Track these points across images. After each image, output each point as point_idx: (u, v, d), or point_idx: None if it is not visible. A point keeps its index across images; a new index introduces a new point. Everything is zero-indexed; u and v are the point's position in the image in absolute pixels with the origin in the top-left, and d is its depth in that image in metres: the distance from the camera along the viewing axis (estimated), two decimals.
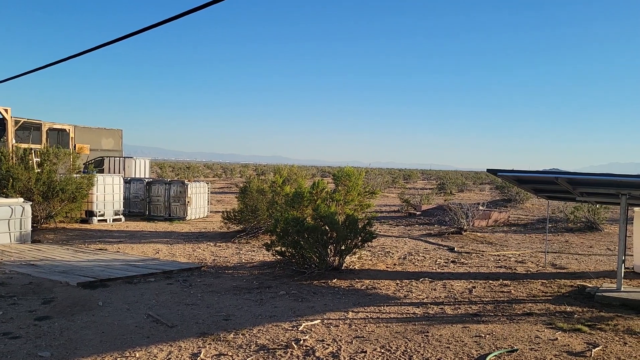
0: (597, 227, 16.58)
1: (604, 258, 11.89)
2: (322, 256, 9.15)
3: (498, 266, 10.54)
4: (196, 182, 19.29)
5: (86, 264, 9.52)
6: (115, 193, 17.04)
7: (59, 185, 14.63)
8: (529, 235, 15.76)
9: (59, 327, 5.97)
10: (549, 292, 8.26)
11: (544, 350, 5.44)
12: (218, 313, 6.68)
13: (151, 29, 5.91)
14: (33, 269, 8.96)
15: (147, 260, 10.27)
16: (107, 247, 11.97)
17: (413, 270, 9.96)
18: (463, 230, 15.40)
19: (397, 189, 39.41)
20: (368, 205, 11.24)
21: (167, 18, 5.62)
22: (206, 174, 61.58)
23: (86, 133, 25.58)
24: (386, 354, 5.30)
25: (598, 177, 7.82)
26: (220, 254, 11.30)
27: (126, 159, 24.94)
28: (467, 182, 47.21)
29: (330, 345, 5.52)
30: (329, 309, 7.01)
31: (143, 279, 8.55)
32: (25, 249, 11.28)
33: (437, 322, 6.47)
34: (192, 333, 5.86)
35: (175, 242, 12.93)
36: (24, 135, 23.39)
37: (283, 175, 13.67)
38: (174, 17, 5.52)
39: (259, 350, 5.36)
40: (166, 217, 18.35)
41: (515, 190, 26.01)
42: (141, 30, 6.03)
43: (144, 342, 5.54)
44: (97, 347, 5.35)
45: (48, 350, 5.21)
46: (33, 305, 6.80)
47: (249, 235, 13.48)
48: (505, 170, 8.40)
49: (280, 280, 8.70)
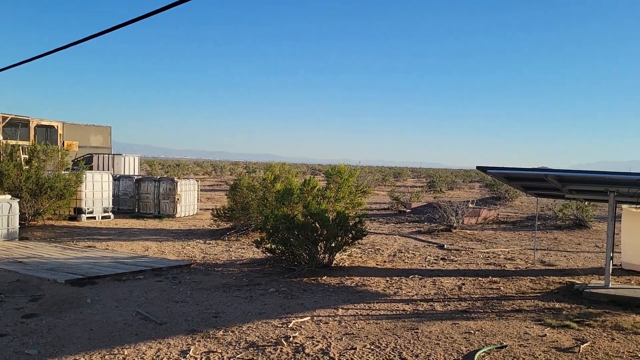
0: (585, 224, 16.72)
1: (592, 255, 11.99)
2: (312, 253, 9.14)
3: (487, 263, 10.59)
4: (186, 180, 19.20)
5: (74, 262, 9.44)
6: (104, 190, 16.91)
7: (47, 182, 14.49)
8: (518, 233, 15.85)
9: (46, 324, 5.91)
10: (538, 288, 8.31)
11: (533, 347, 5.47)
12: (207, 310, 6.65)
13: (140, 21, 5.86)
14: (20, 267, 8.87)
15: (136, 257, 10.21)
16: (96, 244, 11.88)
17: (403, 267, 9.98)
18: (453, 227, 15.46)
19: (387, 187, 39.47)
20: (359, 203, 11.25)
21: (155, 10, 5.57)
22: (196, 171, 61.32)
23: (75, 130, 25.37)
24: (376, 350, 5.30)
25: (587, 175, 7.87)
26: (209, 252, 11.26)
27: (115, 156, 24.77)
28: (456, 180, 47.38)
29: (320, 342, 5.52)
30: (319, 306, 7.00)
31: (132, 276, 8.49)
32: (12, 247, 11.17)
33: (426, 318, 6.48)
34: (181, 330, 5.82)
35: (165, 240, 12.86)
36: (11, 132, 23.15)
37: (274, 173, 13.63)
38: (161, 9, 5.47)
39: (248, 347, 5.34)
40: (155, 214, 18.25)
41: (504, 188, 26.16)
42: (129, 22, 5.97)
43: (133, 339, 5.50)
44: (85, 344, 5.31)
45: (35, 348, 5.15)
46: (20, 303, 6.73)
47: (239, 233, 13.44)
48: (495, 168, 8.43)
49: (270, 278, 8.68)
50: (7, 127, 22.50)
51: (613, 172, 7.48)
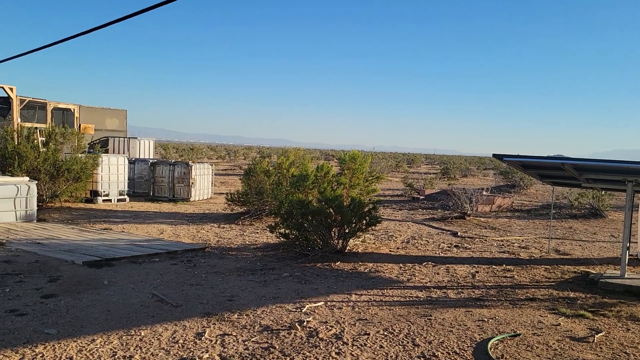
0: (601, 213, 16.55)
1: (608, 245, 11.89)
2: (325, 239, 9.17)
3: (501, 251, 10.55)
4: (200, 164, 19.30)
5: (91, 243, 9.58)
6: (119, 173, 17.06)
7: (65, 165, 14.66)
8: (533, 221, 15.75)
9: (65, 305, 6.02)
10: (552, 277, 8.28)
11: (547, 335, 5.47)
12: (222, 293, 6.72)
13: (155, 9, 5.86)
14: (39, 248, 9.02)
15: (152, 240, 10.32)
16: (112, 226, 12.02)
17: (416, 254, 9.99)
18: (466, 215, 15.40)
19: (400, 173, 39.37)
20: (374, 190, 11.24)
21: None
22: (210, 155, 61.61)
23: (91, 113, 25.57)
24: (389, 336, 5.34)
25: (605, 164, 7.78)
26: (224, 235, 11.35)
27: (131, 140, 24.95)
28: (470, 167, 47.10)
29: (333, 327, 5.56)
30: (332, 291, 7.04)
31: (148, 258, 8.60)
32: (30, 228, 11.35)
33: (440, 305, 6.49)
34: (196, 313, 5.90)
35: (179, 223, 12.98)
36: (28, 115, 23.41)
37: (290, 158, 13.63)
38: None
39: (262, 330, 5.40)
40: (170, 198, 18.40)
41: (519, 176, 25.94)
42: (145, 10, 5.98)
43: (149, 321, 5.59)
44: (103, 325, 5.41)
45: (54, 328, 5.26)
46: (39, 283, 6.86)
47: (253, 217, 13.52)
48: (511, 156, 8.37)
49: (284, 262, 8.74)
50: (25, 109, 22.74)
51: (632, 162, 7.39)
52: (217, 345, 4.98)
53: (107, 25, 6.82)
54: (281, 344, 5.04)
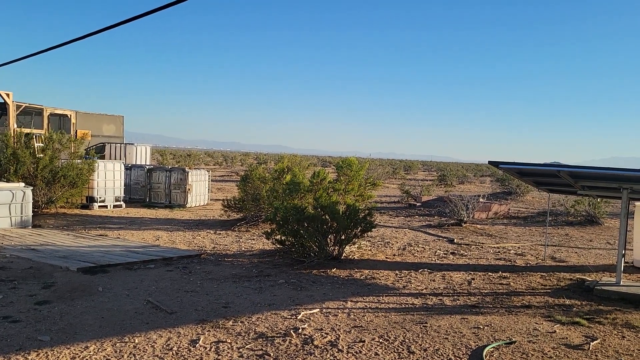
0: (597, 220, 16.58)
1: (604, 252, 11.90)
2: (321, 245, 9.16)
3: (497, 258, 10.55)
4: (197, 170, 19.28)
5: (86, 250, 9.54)
6: (116, 179, 17.03)
7: (62, 171, 14.62)
8: (529, 228, 15.76)
9: (58, 311, 5.99)
10: (548, 285, 8.27)
11: (542, 343, 5.46)
12: (217, 300, 6.70)
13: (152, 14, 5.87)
14: (33, 254, 8.98)
15: (147, 246, 10.29)
16: (108, 233, 11.98)
17: (412, 261, 9.98)
18: (463, 222, 15.41)
19: (397, 180, 39.40)
20: (370, 196, 11.24)
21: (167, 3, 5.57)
22: (207, 161, 61.55)
23: (88, 119, 25.57)
24: (384, 343, 5.32)
25: (600, 171, 7.80)
26: (220, 242, 11.32)
27: (127, 146, 24.93)
28: (467, 174, 47.16)
29: (328, 334, 5.54)
30: (328, 298, 7.02)
31: (143, 265, 8.57)
32: (25, 234, 11.30)
33: (435, 312, 6.48)
34: (191, 320, 5.88)
35: (176, 229, 12.94)
36: (25, 120, 23.38)
37: (284, 164, 13.64)
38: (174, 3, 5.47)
39: (257, 337, 5.38)
40: (166, 204, 18.36)
41: (515, 183, 26.00)
42: (142, 15, 5.99)
43: (144, 327, 5.56)
44: (97, 331, 5.37)
45: (48, 335, 5.23)
46: (33, 290, 6.82)
47: (249, 224, 13.49)
48: (508, 163, 8.39)
49: (280, 269, 8.72)
50: (21, 115, 22.72)
51: (627, 169, 7.41)
52: (212, 353, 4.96)
53: (105, 30, 6.83)
54: (276, 351, 5.02)
